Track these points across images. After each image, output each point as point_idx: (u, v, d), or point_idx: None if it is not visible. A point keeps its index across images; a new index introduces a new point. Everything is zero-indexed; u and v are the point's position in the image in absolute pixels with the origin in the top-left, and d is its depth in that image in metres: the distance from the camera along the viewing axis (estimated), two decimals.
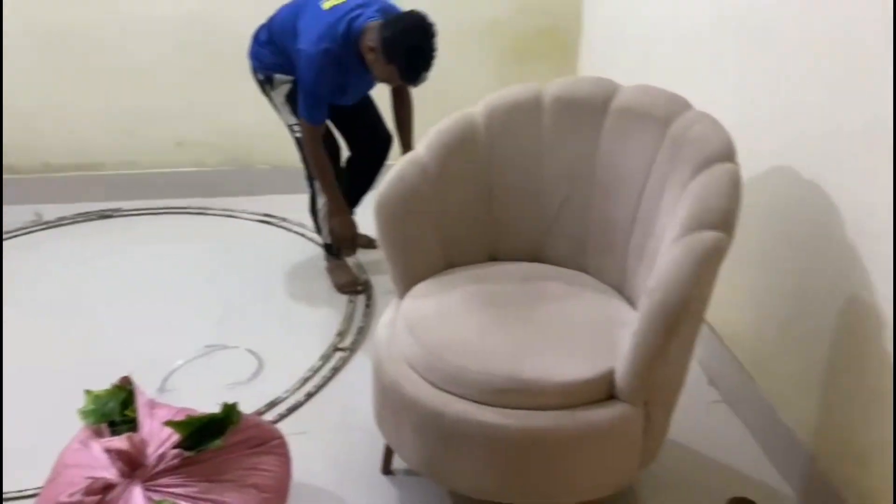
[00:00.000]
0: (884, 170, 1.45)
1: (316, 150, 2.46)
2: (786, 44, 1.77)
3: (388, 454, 1.83)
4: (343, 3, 2.34)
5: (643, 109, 1.74)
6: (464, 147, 1.87)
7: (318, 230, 2.80)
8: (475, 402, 1.50)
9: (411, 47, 2.17)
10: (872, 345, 1.50)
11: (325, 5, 2.35)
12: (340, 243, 2.61)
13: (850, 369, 1.60)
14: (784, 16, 1.77)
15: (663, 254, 1.51)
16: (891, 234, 1.45)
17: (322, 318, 2.53)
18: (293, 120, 2.50)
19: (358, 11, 2.31)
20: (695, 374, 2.20)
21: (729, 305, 2.10)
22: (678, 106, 1.72)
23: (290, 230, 3.14)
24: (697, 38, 2.22)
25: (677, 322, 1.41)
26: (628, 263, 1.79)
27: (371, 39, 2.23)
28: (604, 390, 1.51)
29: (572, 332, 1.62)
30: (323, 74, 2.30)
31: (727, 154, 1.56)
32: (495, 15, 3.27)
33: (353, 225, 2.59)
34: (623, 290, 1.81)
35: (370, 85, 2.51)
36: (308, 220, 2.86)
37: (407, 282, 1.84)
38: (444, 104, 2.19)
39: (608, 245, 1.85)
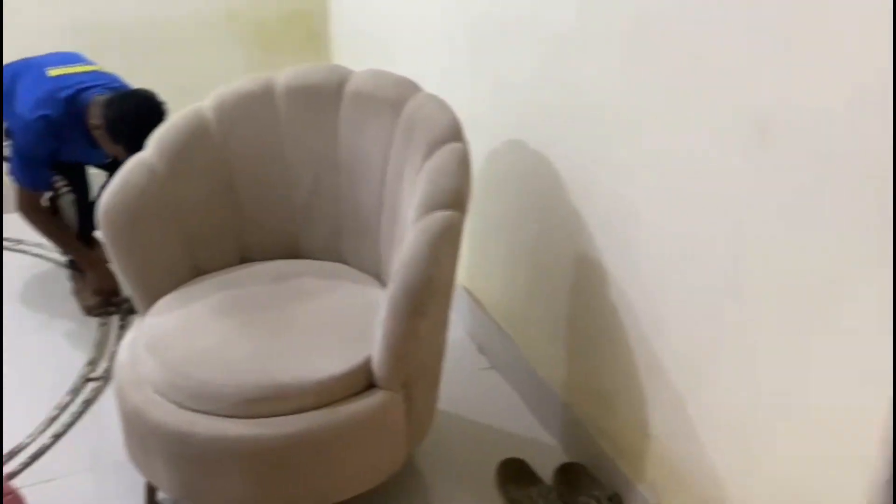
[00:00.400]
0: (594, 135, 1.56)
1: (36, 216, 2.32)
2: (506, 28, 1.85)
3: (151, 486, 1.69)
4: (72, 73, 2.21)
5: (374, 94, 1.74)
6: (195, 143, 1.75)
7: None
8: (226, 416, 1.41)
9: (137, 128, 2.02)
10: (601, 297, 1.63)
11: (52, 72, 2.20)
12: (104, 297, 2.41)
13: (586, 322, 1.73)
14: (503, 3, 1.84)
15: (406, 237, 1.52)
16: (606, 192, 1.56)
17: (70, 346, 2.27)
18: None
19: (88, 84, 2.18)
20: (465, 344, 2.28)
21: (486, 274, 2.19)
22: (407, 89, 1.73)
23: (27, 252, 2.79)
24: (431, 24, 2.26)
25: (421, 303, 1.42)
26: (381, 249, 1.79)
27: (95, 116, 2.11)
28: (362, 381, 1.50)
29: (327, 327, 1.59)
30: (39, 141, 2.15)
31: (454, 134, 1.60)
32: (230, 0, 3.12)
33: (111, 274, 2.39)
34: (380, 277, 1.81)
35: (102, 156, 2.32)
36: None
37: (148, 296, 1.69)
38: (188, 101, 2.04)
39: (361, 232, 1.83)
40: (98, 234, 2.40)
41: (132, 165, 1.68)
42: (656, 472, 1.56)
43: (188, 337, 1.53)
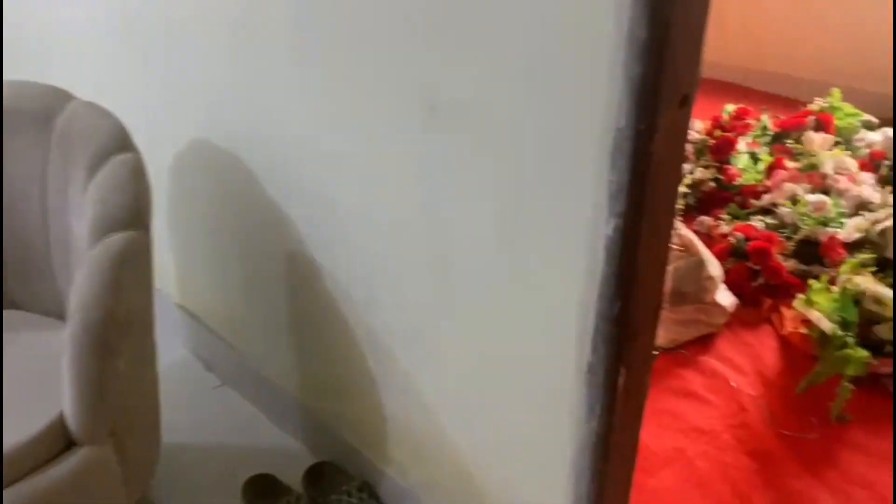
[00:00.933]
0: (281, 128, 1.49)
1: None
2: (171, 23, 1.69)
3: None
4: None
5: (14, 108, 1.49)
6: None
7: None
8: None
9: None
10: (317, 290, 1.59)
11: None
12: None
13: (308, 318, 1.68)
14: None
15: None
16: (304, 184, 1.51)
17: None
18: None
19: None
20: (191, 364, 2.11)
21: (199, 287, 2.04)
22: (57, 98, 1.51)
23: None
24: (89, 25, 2.00)
25: (109, 340, 1.25)
26: (59, 285, 1.56)
27: None
28: (58, 442, 1.29)
29: (3, 389, 1.34)
30: None
31: (121, 144, 1.43)
32: None
33: None
34: (64, 317, 1.57)
35: None
36: None
37: None
38: None
39: (31, 270, 1.58)
40: None
41: None
42: (400, 450, 1.58)
43: None
